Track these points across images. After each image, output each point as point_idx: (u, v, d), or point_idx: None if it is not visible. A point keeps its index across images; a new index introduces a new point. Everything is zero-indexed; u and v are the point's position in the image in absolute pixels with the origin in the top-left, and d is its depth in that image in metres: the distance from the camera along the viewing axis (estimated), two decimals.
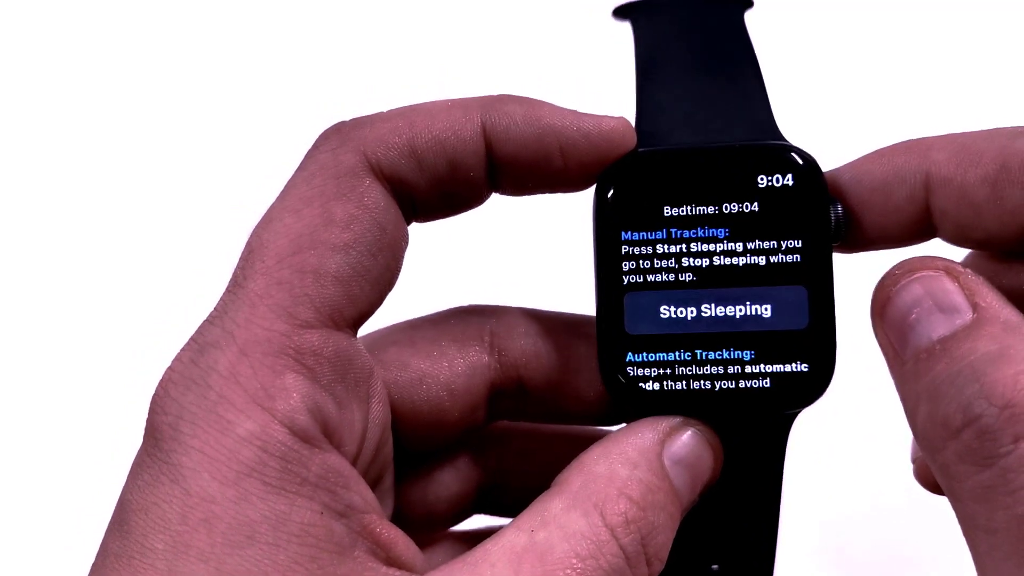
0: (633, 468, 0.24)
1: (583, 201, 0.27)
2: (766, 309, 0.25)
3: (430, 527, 0.30)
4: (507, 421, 0.30)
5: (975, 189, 0.24)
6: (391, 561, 0.23)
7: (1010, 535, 0.20)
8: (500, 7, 0.59)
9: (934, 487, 0.27)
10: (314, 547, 0.22)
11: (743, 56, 0.27)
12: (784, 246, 0.25)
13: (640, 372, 0.26)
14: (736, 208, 0.26)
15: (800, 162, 0.25)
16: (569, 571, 0.22)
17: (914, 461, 0.29)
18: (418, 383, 0.27)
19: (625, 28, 0.29)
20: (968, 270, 0.23)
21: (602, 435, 0.26)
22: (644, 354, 0.26)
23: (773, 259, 0.25)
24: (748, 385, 0.25)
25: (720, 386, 0.25)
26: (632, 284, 0.26)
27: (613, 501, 0.23)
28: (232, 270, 0.24)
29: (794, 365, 0.25)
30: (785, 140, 0.26)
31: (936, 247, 0.26)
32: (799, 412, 0.26)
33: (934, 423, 0.21)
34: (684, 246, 0.26)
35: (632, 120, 0.26)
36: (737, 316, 0.25)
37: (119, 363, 0.52)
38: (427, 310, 0.29)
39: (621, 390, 0.26)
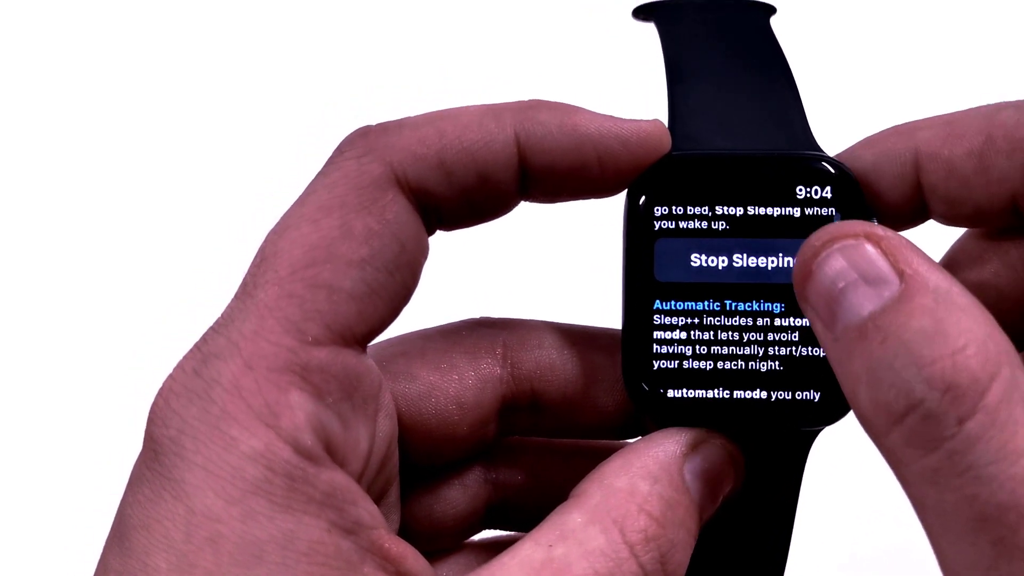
0: (654, 483, 0.23)
1: (606, 206, 0.26)
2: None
3: (437, 542, 0.29)
4: (519, 436, 0.29)
5: (962, 162, 0.24)
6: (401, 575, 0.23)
7: (960, 516, 0.20)
8: (517, 3, 0.58)
9: None
10: (323, 565, 0.21)
11: (775, 61, 0.27)
12: None
13: (665, 379, 0.25)
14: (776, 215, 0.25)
15: (839, 174, 0.25)
16: None
17: None
18: (426, 396, 0.27)
19: (645, 28, 0.28)
20: (891, 232, 0.22)
21: (618, 448, 0.25)
22: (670, 361, 0.25)
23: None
24: (773, 397, 0.25)
25: (745, 395, 0.25)
26: None
27: (633, 517, 0.23)
28: (241, 274, 0.24)
29: (808, 393, 0.25)
30: (822, 150, 0.26)
31: (930, 235, 0.26)
32: (820, 431, 0.26)
33: (876, 408, 0.21)
34: None
35: (664, 122, 0.26)
36: (771, 324, 0.25)
37: (118, 366, 0.52)
38: (440, 320, 0.28)
39: (644, 398, 0.25)
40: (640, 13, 0.28)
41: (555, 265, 0.50)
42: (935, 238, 0.26)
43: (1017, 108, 0.24)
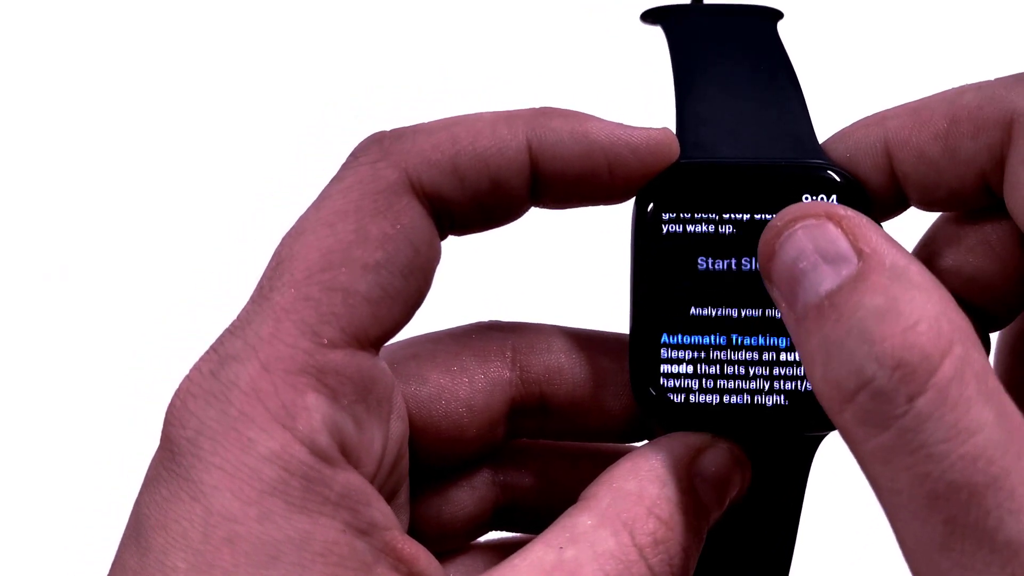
0: (662, 486, 0.24)
1: (615, 212, 0.26)
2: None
3: (445, 543, 0.29)
4: (527, 439, 0.29)
5: (929, 147, 0.25)
6: None
7: (913, 494, 0.20)
8: (524, 9, 0.59)
9: None
10: (338, 565, 0.22)
11: (782, 68, 0.27)
12: None
13: (672, 383, 0.25)
14: None
15: (845, 183, 0.25)
16: None
17: None
18: (437, 398, 0.27)
19: (652, 32, 0.28)
20: (852, 212, 0.22)
21: (626, 452, 0.25)
22: (677, 366, 0.25)
23: None
24: (776, 402, 0.25)
25: (752, 400, 0.25)
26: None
27: (643, 520, 0.23)
28: (256, 277, 0.24)
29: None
30: (828, 159, 0.26)
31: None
32: (824, 435, 0.26)
33: (829, 387, 0.21)
34: None
35: (672, 129, 0.26)
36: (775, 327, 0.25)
37: (134, 367, 0.52)
38: (451, 323, 0.28)
39: (652, 403, 0.25)
40: (648, 17, 0.29)
41: (564, 269, 0.51)
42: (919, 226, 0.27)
43: (979, 90, 0.25)
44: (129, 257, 0.56)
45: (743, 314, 0.25)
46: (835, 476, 0.31)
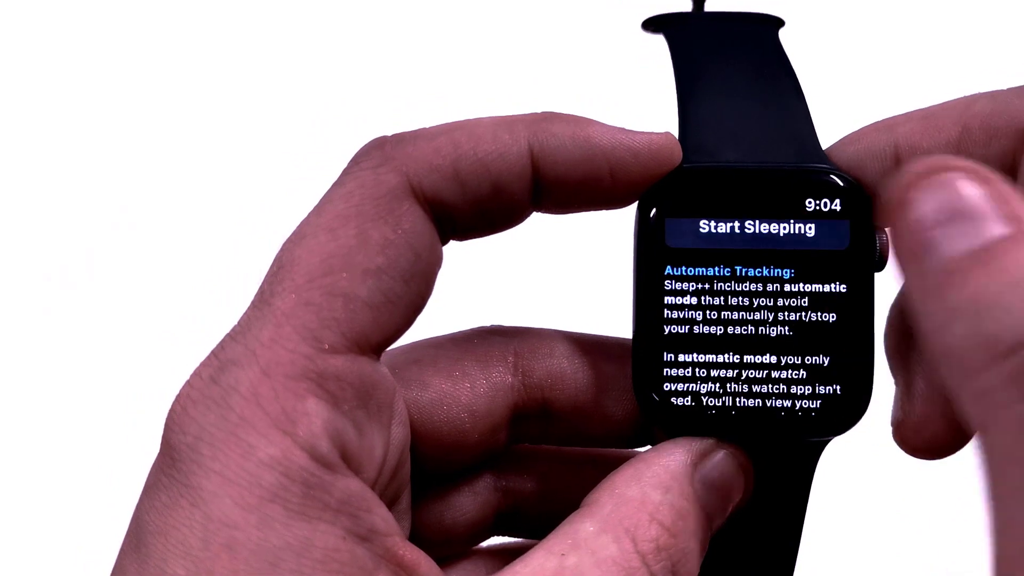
0: (665, 492, 0.24)
1: (618, 217, 0.26)
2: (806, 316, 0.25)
3: (447, 548, 0.29)
4: (529, 444, 0.29)
5: (940, 152, 0.24)
6: None
7: None
8: (524, 13, 0.59)
9: (920, 450, 0.26)
10: (338, 572, 0.21)
11: (783, 73, 0.27)
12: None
13: (675, 387, 0.25)
14: (785, 230, 0.25)
15: (848, 187, 0.25)
16: None
17: (896, 423, 0.27)
18: (438, 404, 0.27)
19: (654, 40, 0.28)
20: (999, 176, 0.20)
21: (628, 457, 0.25)
22: (680, 369, 0.25)
23: (817, 291, 0.25)
24: (784, 405, 0.25)
25: (756, 404, 0.25)
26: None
27: (645, 527, 0.23)
28: (257, 282, 0.24)
29: (829, 388, 0.25)
30: (832, 164, 0.26)
31: None
32: (828, 441, 0.26)
33: (975, 342, 0.19)
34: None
35: (675, 134, 0.26)
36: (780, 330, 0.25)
37: (134, 372, 0.52)
38: (453, 328, 0.28)
39: (654, 408, 0.25)
40: (650, 25, 0.29)
41: (567, 274, 0.51)
42: None
43: (991, 98, 0.25)
44: (130, 261, 0.56)
45: (746, 317, 0.25)
46: (839, 482, 0.31)
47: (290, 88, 0.58)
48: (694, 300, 0.25)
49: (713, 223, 0.25)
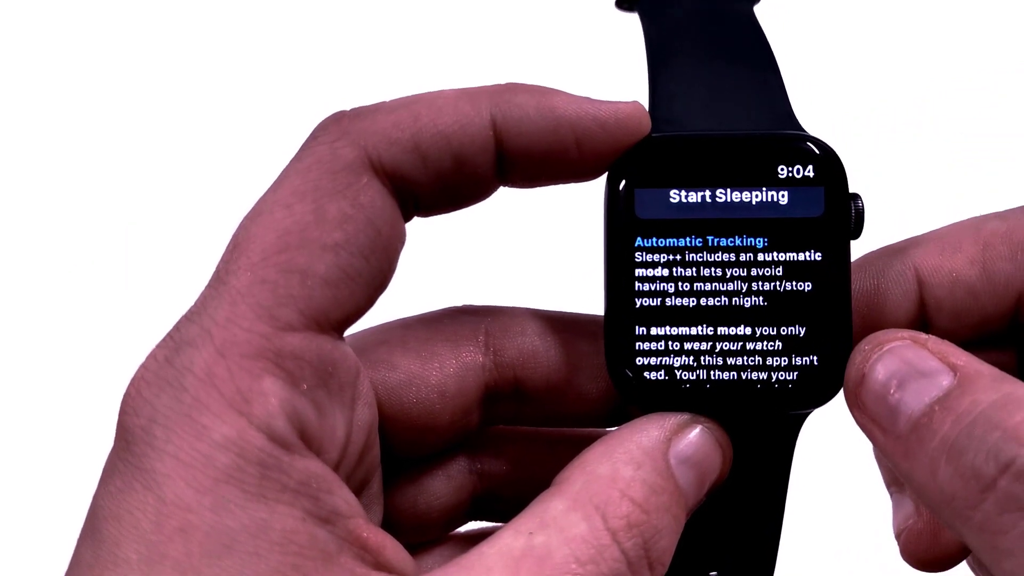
0: (637, 468, 0.23)
1: (589, 190, 0.26)
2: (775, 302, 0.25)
3: (422, 534, 0.28)
4: (503, 426, 0.29)
5: (965, 271, 0.25)
6: (380, 566, 0.22)
7: None
8: None
9: (927, 564, 0.27)
10: (296, 555, 0.21)
11: (758, 47, 0.27)
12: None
13: (648, 361, 0.25)
14: (757, 198, 0.25)
15: (823, 154, 0.25)
16: None
17: (900, 536, 0.28)
18: (407, 385, 0.26)
19: (628, 18, 0.28)
20: (931, 336, 0.23)
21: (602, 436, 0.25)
22: (653, 343, 0.25)
23: (791, 260, 0.25)
24: (760, 378, 0.25)
25: (731, 377, 0.25)
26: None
27: (615, 503, 0.22)
28: (215, 262, 0.23)
29: (806, 359, 0.25)
30: (804, 131, 0.25)
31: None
32: (809, 413, 0.25)
33: (963, 479, 0.21)
34: None
35: (645, 105, 0.25)
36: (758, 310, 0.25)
37: (92, 357, 0.51)
38: (421, 308, 0.28)
39: (628, 384, 0.25)
40: (624, 4, 0.28)
41: (537, 251, 0.50)
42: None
43: (1001, 218, 0.26)
44: (88, 246, 0.55)
45: (719, 288, 0.25)
46: (820, 456, 0.30)
47: (247, 67, 0.58)
48: (666, 272, 0.25)
49: (684, 193, 0.25)
